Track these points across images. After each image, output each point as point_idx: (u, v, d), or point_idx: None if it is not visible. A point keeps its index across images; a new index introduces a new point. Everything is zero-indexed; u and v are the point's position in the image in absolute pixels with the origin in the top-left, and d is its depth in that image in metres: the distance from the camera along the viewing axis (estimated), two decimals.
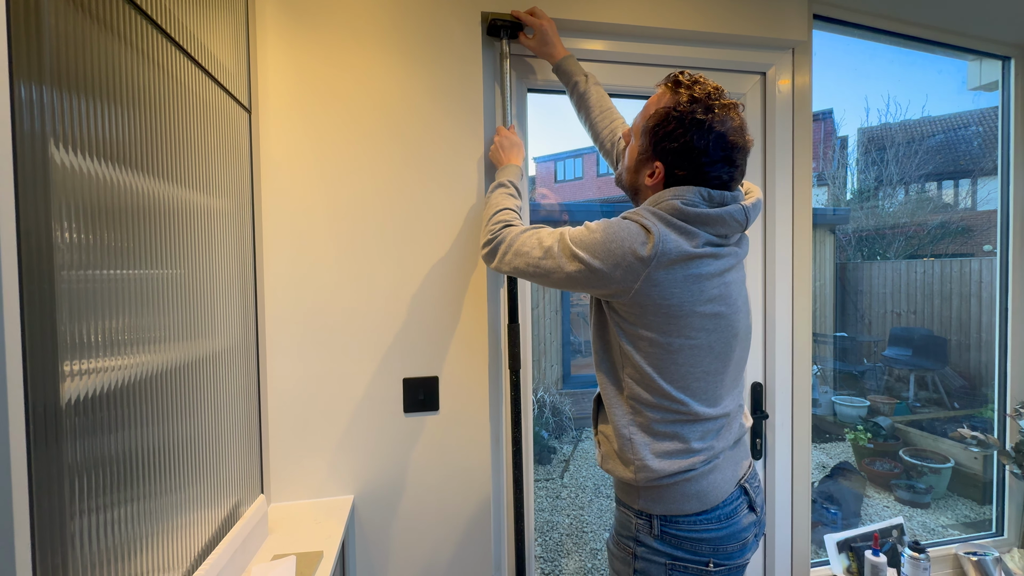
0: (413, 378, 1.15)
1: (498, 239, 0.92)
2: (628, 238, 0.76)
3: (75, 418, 0.51)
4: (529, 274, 0.86)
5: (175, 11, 0.73)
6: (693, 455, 0.82)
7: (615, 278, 0.77)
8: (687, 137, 0.78)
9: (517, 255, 0.87)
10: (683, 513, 0.83)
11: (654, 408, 0.82)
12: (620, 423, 0.85)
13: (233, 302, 0.92)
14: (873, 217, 5.86)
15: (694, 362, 0.82)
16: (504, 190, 1.02)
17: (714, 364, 0.84)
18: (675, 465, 0.81)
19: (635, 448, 0.83)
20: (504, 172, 1.07)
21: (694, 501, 0.83)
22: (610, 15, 1.23)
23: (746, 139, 0.81)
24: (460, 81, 1.16)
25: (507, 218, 0.95)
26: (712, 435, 0.85)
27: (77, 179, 0.52)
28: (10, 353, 0.44)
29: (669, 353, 0.80)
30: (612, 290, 0.79)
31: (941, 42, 1.60)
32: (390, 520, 1.14)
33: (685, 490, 0.83)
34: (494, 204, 1.00)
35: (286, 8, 1.07)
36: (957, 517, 2.84)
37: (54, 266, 0.49)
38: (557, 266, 0.82)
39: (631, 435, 0.84)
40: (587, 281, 0.80)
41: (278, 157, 1.08)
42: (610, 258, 0.77)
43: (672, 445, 0.82)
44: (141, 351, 0.63)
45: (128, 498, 0.60)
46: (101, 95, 0.56)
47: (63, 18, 0.51)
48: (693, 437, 0.83)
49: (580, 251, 0.79)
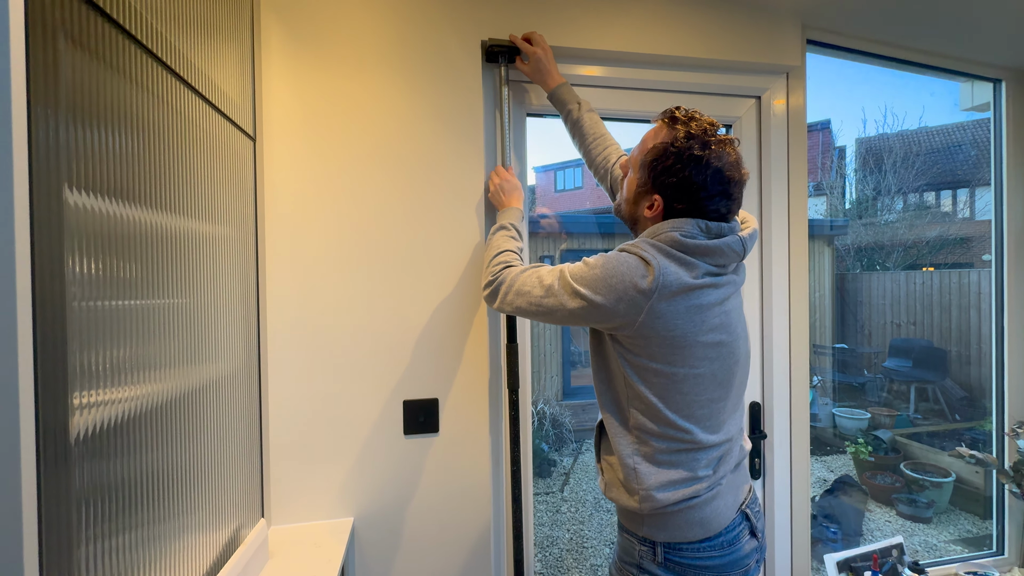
0: (413, 400, 1.16)
1: (499, 280, 0.93)
2: (628, 272, 0.78)
3: (83, 448, 0.53)
4: (532, 313, 0.88)
5: (182, 48, 0.75)
6: (696, 482, 0.83)
7: (618, 312, 0.78)
8: (685, 172, 0.80)
9: (519, 295, 0.88)
10: (687, 540, 0.83)
11: (659, 437, 0.83)
12: (624, 452, 0.85)
13: (237, 327, 0.93)
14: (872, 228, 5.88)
15: (698, 391, 0.83)
16: (505, 232, 1.04)
17: (717, 391, 0.85)
18: (678, 494, 0.82)
19: (639, 478, 0.84)
20: (505, 215, 1.09)
21: (697, 528, 0.83)
22: (608, 42, 1.26)
23: (742, 173, 0.83)
24: (461, 107, 1.18)
25: (508, 259, 0.97)
26: (715, 462, 0.86)
27: (88, 217, 0.54)
28: (23, 388, 0.46)
29: (674, 383, 0.81)
30: (616, 323, 0.80)
31: (933, 65, 1.63)
32: (390, 542, 1.15)
33: (688, 517, 0.83)
34: (495, 246, 1.01)
35: (291, 38, 1.10)
36: (959, 532, 2.82)
37: (66, 300, 0.51)
38: (559, 303, 0.83)
39: (635, 464, 0.84)
40: (590, 316, 0.81)
41: (282, 183, 1.10)
42: (612, 293, 0.78)
43: (676, 474, 0.83)
44: (148, 380, 0.64)
45: (132, 524, 0.61)
46: (111, 136, 0.58)
47: (79, 69, 0.53)
48: (697, 466, 0.84)
49: (581, 287, 0.80)
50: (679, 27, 1.30)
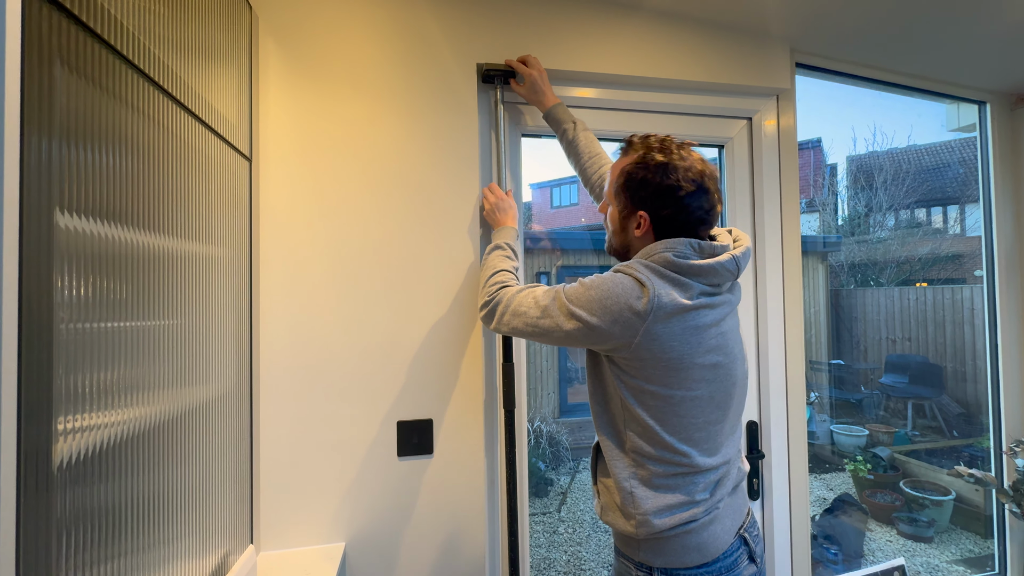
0: (407, 421, 1.14)
1: (495, 300, 0.93)
2: (623, 293, 0.78)
3: (67, 475, 0.51)
4: (528, 334, 0.87)
5: (179, 71, 0.76)
6: (693, 507, 0.82)
7: (613, 334, 0.78)
8: (657, 178, 0.83)
9: (515, 315, 0.88)
10: (684, 566, 0.82)
11: (656, 461, 0.82)
12: (621, 476, 0.84)
13: (228, 348, 0.92)
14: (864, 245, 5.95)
15: (695, 413, 0.82)
16: (501, 252, 1.04)
17: (715, 414, 0.84)
18: (675, 519, 0.81)
19: (636, 502, 0.82)
20: (500, 234, 1.09)
21: (694, 553, 0.82)
22: (601, 65, 1.28)
23: (710, 167, 0.85)
24: (456, 128, 1.19)
25: (503, 279, 0.97)
26: (713, 485, 0.85)
27: (79, 239, 0.54)
28: (5, 413, 0.45)
29: (671, 405, 0.81)
30: (612, 345, 0.80)
31: (919, 88, 1.67)
32: (382, 568, 1.12)
33: (685, 542, 0.82)
34: (491, 266, 1.01)
35: (289, 60, 1.11)
36: (961, 552, 2.79)
37: (54, 321, 0.50)
38: (555, 325, 0.83)
39: (632, 488, 0.83)
40: (586, 338, 0.81)
41: (277, 204, 1.10)
42: (607, 314, 0.78)
43: (673, 499, 0.82)
44: (137, 403, 0.63)
45: (117, 553, 0.59)
46: (104, 158, 0.58)
47: (73, 92, 0.53)
48: (695, 490, 0.82)
49: (577, 309, 0.80)
50: (672, 50, 1.32)
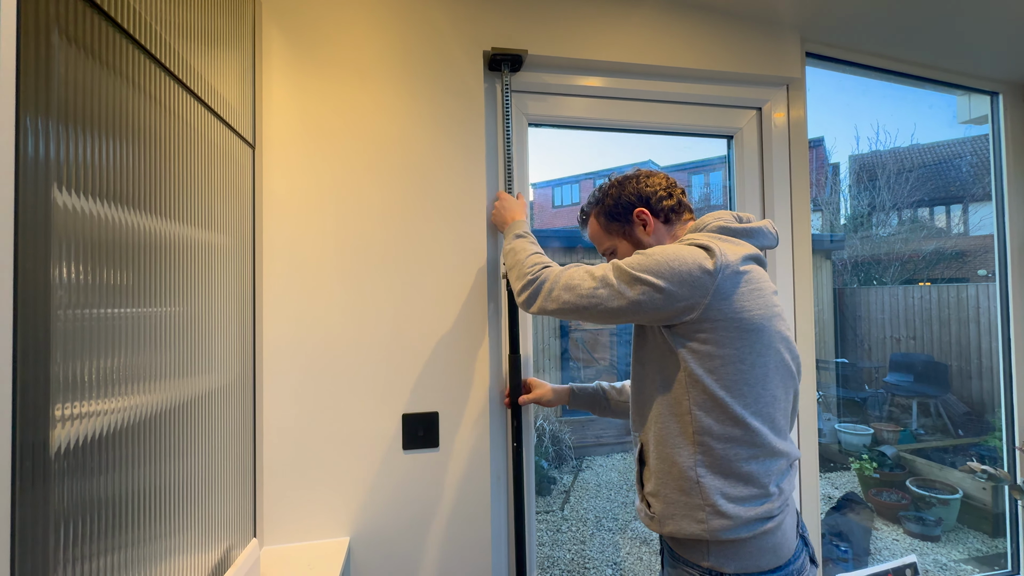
0: (412, 414, 1.12)
1: (540, 279, 0.89)
2: (690, 255, 0.78)
3: (65, 462, 0.49)
4: (581, 307, 0.82)
5: (182, 52, 0.74)
6: (768, 499, 0.77)
7: (682, 295, 0.76)
8: (627, 189, 0.95)
9: (567, 290, 0.84)
10: (759, 570, 0.76)
11: (726, 441, 0.77)
12: (686, 465, 0.79)
13: (231, 338, 0.90)
14: (868, 243, 5.92)
15: (766, 383, 0.79)
16: (526, 239, 1.02)
17: (780, 389, 0.81)
18: (752, 511, 0.75)
19: (704, 492, 0.76)
20: (516, 226, 1.07)
21: (770, 555, 0.76)
22: (610, 53, 1.26)
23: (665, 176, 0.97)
24: (462, 115, 1.17)
25: (543, 260, 0.94)
26: (782, 475, 0.80)
27: (79, 220, 0.52)
28: (1, 398, 0.43)
29: (742, 372, 0.77)
30: (678, 309, 0.77)
31: (930, 78, 1.64)
32: (387, 563, 1.10)
33: (762, 543, 0.76)
34: (522, 250, 0.98)
35: (293, 46, 1.09)
36: (969, 551, 2.76)
37: (51, 307, 0.48)
38: (616, 293, 0.79)
39: (699, 477, 0.77)
40: (651, 304, 0.77)
41: (281, 191, 1.08)
42: (676, 276, 0.76)
43: (747, 490, 0.76)
44: (136, 392, 0.61)
45: (116, 545, 0.57)
46: (105, 136, 0.56)
47: (72, 65, 0.51)
48: (768, 479, 0.77)
49: (643, 274, 0.77)
50: (680, 39, 1.30)
